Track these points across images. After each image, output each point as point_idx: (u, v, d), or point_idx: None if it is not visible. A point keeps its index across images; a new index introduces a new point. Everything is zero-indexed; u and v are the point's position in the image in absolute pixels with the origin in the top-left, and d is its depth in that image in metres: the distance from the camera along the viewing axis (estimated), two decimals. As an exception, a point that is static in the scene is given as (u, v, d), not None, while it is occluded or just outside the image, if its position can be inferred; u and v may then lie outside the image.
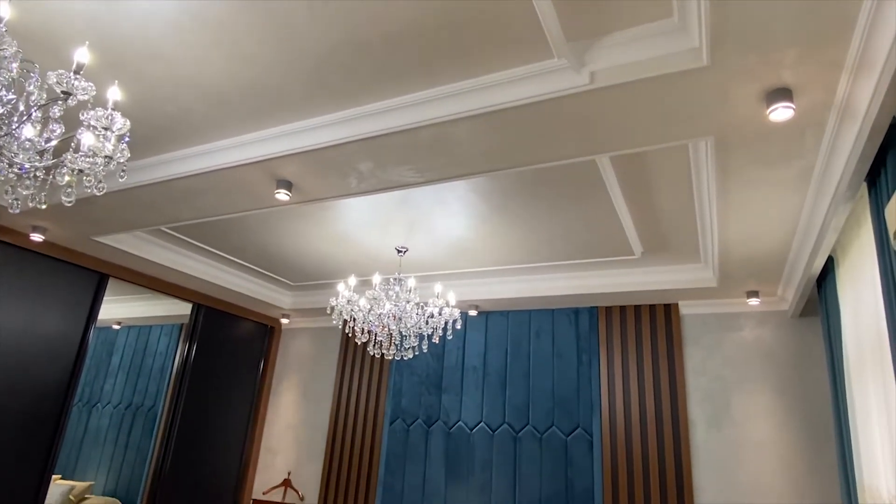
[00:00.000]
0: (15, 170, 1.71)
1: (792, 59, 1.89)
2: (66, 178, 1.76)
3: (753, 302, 4.53)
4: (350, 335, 4.13)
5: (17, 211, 1.86)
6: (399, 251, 4.50)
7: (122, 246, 4.50)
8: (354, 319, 4.05)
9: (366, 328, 4.05)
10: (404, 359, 4.69)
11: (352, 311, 4.02)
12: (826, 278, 3.60)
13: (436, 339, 4.21)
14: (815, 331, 4.44)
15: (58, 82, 1.66)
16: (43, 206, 1.87)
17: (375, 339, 4.10)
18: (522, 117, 2.35)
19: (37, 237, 4.21)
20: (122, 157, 1.81)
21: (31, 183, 1.78)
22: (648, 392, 4.77)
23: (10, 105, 1.68)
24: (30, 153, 1.70)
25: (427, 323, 4.08)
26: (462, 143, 2.58)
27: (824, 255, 3.28)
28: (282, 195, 3.18)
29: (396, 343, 4.13)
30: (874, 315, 2.69)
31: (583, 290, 4.80)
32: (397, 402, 5.80)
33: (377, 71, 2.34)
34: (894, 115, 1.97)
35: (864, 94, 1.94)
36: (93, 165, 1.76)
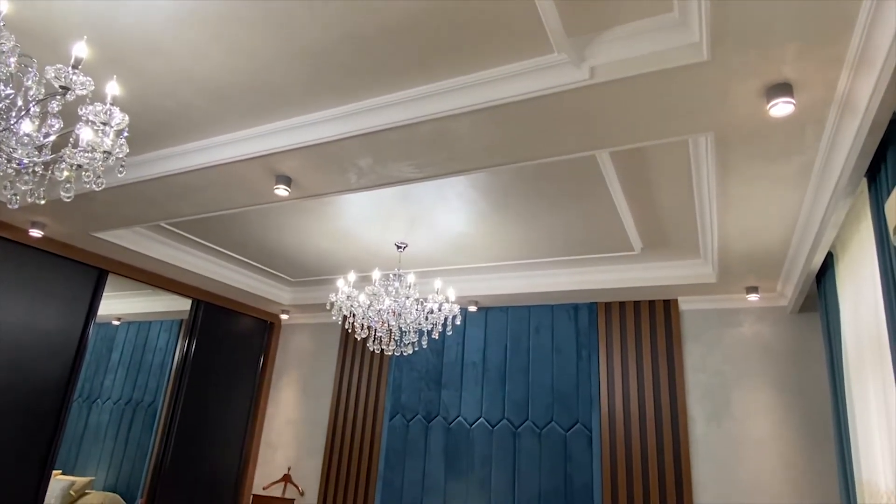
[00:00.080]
0: (14, 165, 1.70)
1: (792, 54, 1.89)
2: (65, 174, 1.76)
3: (753, 298, 4.53)
4: (350, 331, 4.13)
5: (15, 206, 1.85)
6: (399, 247, 4.50)
7: (121, 242, 4.49)
8: (354, 315, 4.05)
9: (365, 324, 4.05)
10: (404, 354, 4.70)
11: (351, 306, 4.02)
12: (825, 274, 3.60)
13: (435, 335, 4.21)
14: (815, 327, 4.44)
15: (56, 77, 1.66)
16: (42, 201, 1.87)
17: (375, 334, 4.10)
18: (522, 112, 2.34)
19: (36, 233, 4.20)
20: (120, 152, 1.81)
21: (30, 178, 1.78)
22: (648, 388, 4.78)
23: (8, 100, 1.67)
24: (28, 148, 1.69)
25: (427, 319, 4.09)
26: (462, 138, 2.58)
27: (824, 251, 3.28)
28: (281, 191, 3.18)
29: (396, 339, 4.13)
30: (873, 311, 2.69)
31: (582, 285, 4.80)
32: (397, 398, 5.81)
33: (377, 66, 2.33)
34: (894, 111, 1.97)
35: (864, 90, 1.93)
36: (92, 161, 1.75)
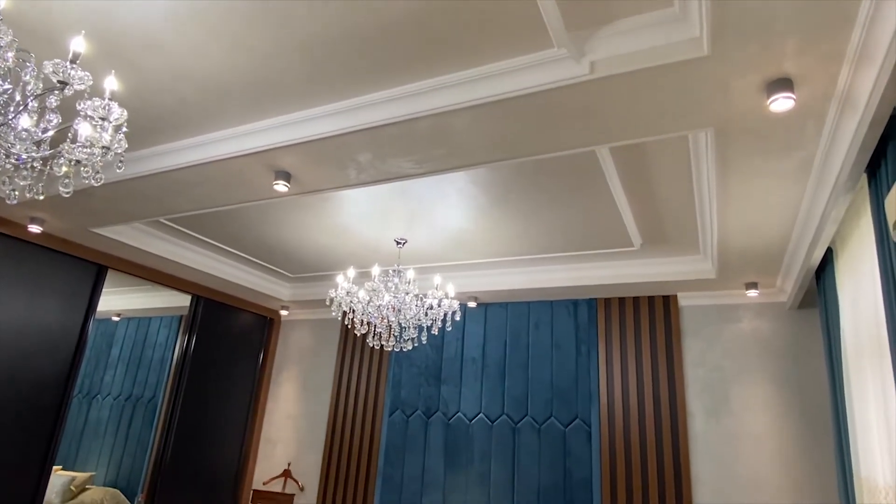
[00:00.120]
0: (12, 160, 1.70)
1: (793, 49, 1.88)
2: (64, 169, 1.75)
3: (752, 293, 4.53)
4: (349, 326, 4.14)
5: (14, 202, 1.85)
6: (398, 243, 4.50)
7: (120, 237, 4.49)
8: (354, 311, 4.05)
9: (365, 320, 4.05)
10: (403, 350, 4.70)
11: (351, 302, 4.02)
12: (825, 270, 3.60)
13: (435, 331, 4.21)
14: (814, 322, 4.45)
15: (54, 72, 1.65)
16: (41, 197, 1.86)
17: (375, 330, 4.11)
18: (522, 108, 2.34)
19: (35, 228, 4.19)
20: (119, 147, 1.80)
21: (29, 173, 1.77)
22: (647, 383, 4.79)
23: (6, 95, 1.67)
24: (27, 143, 1.69)
25: (426, 314, 4.09)
26: (461, 133, 2.57)
27: (823, 247, 3.28)
28: (280, 186, 3.17)
29: (396, 334, 4.13)
30: (873, 307, 2.69)
31: (582, 281, 4.80)
32: (396, 394, 5.82)
33: (376, 61, 2.32)
34: (895, 107, 1.97)
35: (864, 85, 1.93)
36: (90, 156, 1.75)
